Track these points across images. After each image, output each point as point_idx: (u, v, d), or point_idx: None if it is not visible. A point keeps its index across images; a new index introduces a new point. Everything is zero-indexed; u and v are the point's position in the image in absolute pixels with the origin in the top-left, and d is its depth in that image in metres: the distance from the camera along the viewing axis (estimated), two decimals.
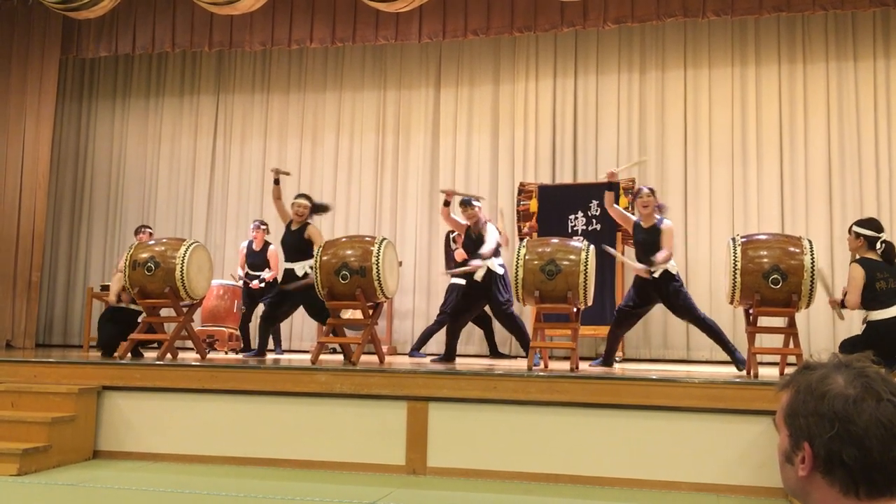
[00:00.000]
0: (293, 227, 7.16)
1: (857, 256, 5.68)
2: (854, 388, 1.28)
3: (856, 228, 5.78)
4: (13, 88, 9.24)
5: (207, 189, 10.10)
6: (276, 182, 7.29)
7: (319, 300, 6.70)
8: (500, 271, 6.85)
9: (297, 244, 7.05)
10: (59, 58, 9.46)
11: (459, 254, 8.08)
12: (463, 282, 8.03)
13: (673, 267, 6.47)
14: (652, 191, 6.66)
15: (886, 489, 1.27)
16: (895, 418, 1.25)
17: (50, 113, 9.34)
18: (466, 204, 7.03)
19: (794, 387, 1.35)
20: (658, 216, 6.56)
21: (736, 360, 6.37)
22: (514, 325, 6.95)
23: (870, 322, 5.56)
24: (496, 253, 6.89)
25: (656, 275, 6.38)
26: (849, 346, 5.61)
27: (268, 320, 7.34)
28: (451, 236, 8.43)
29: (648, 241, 6.48)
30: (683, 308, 6.50)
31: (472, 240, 7.00)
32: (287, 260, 7.14)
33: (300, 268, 6.96)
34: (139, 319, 7.23)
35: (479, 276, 6.78)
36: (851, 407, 1.26)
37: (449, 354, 7.05)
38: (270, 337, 7.62)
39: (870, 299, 5.53)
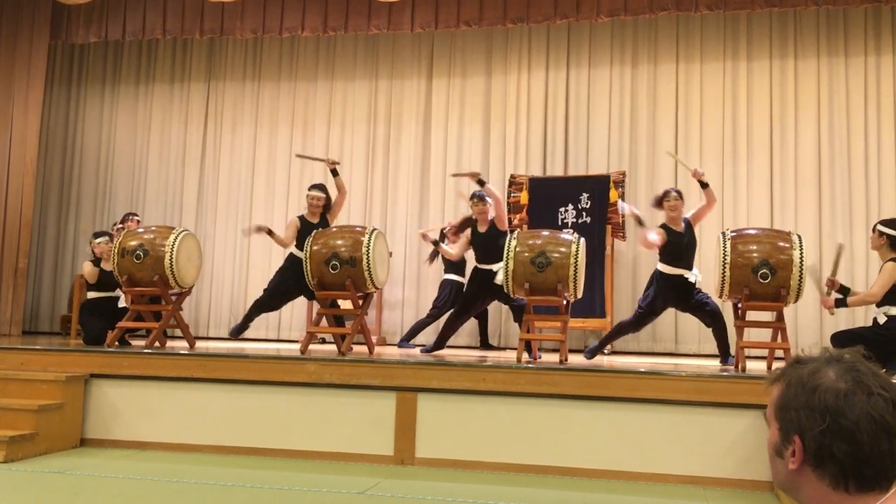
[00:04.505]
0: (313, 221, 7.06)
1: (890, 256, 5.64)
2: (845, 382, 1.29)
3: (880, 227, 5.76)
4: (1, 74, 9.15)
5: (197, 177, 10.05)
6: (270, 234, 7.10)
7: None
8: None
9: None
10: (48, 43, 9.36)
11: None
12: (457, 278, 8.03)
13: (695, 276, 6.43)
14: (680, 193, 6.49)
15: (876, 483, 1.27)
16: (886, 412, 1.26)
17: (38, 99, 9.25)
18: (480, 198, 6.73)
19: (786, 380, 1.36)
20: (685, 219, 6.43)
21: (726, 359, 6.45)
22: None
23: (891, 317, 5.56)
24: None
25: (691, 280, 6.34)
26: (845, 339, 5.58)
27: (262, 307, 7.28)
28: (444, 231, 8.37)
29: (689, 242, 6.38)
30: (702, 305, 6.47)
31: (482, 236, 6.73)
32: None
33: None
34: (119, 305, 7.20)
35: (500, 279, 6.56)
36: (842, 401, 1.27)
37: (438, 345, 7.03)
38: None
39: (891, 296, 5.56)
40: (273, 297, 7.24)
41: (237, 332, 7.33)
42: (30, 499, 4.58)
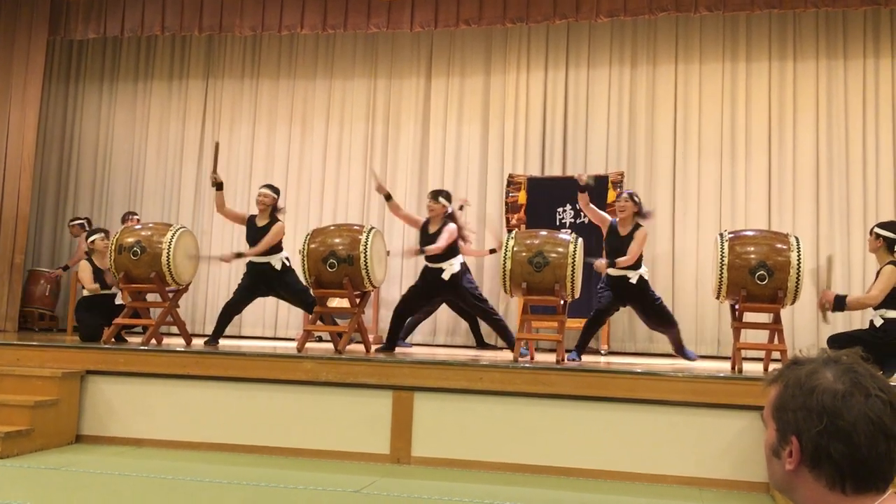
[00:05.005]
0: (259, 223, 6.95)
1: (889, 259, 5.66)
2: (843, 384, 1.28)
3: (877, 230, 5.78)
4: None
5: (195, 174, 10.03)
6: (219, 188, 7.02)
7: (299, 288, 6.69)
8: (457, 269, 6.73)
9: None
10: (47, 39, 9.34)
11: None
12: None
13: (646, 272, 6.54)
14: (631, 195, 6.55)
15: (872, 484, 1.27)
16: (883, 414, 1.26)
17: (36, 95, 9.23)
18: (433, 197, 6.92)
19: (783, 381, 1.36)
20: (635, 222, 6.46)
21: (686, 355, 6.71)
22: (494, 319, 6.97)
23: (888, 319, 5.58)
24: (454, 252, 6.80)
25: (633, 280, 6.41)
26: (842, 341, 5.59)
27: (234, 308, 7.16)
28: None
29: (620, 247, 6.41)
30: (657, 314, 6.58)
31: (430, 235, 6.83)
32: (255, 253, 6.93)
33: (276, 260, 6.88)
34: (115, 302, 7.18)
35: (446, 275, 6.69)
36: (840, 402, 1.27)
37: (390, 345, 7.00)
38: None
39: (888, 299, 5.57)
40: (242, 300, 7.12)
41: (214, 342, 7.02)
42: (25, 495, 4.56)
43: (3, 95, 9.09)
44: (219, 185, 7.04)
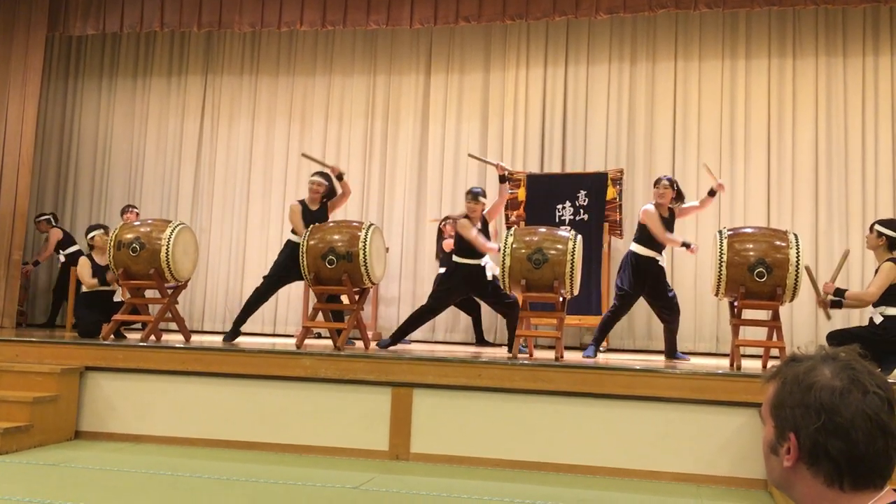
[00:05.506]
0: (313, 207, 7.10)
1: (888, 256, 5.66)
2: (840, 380, 1.29)
3: (878, 227, 5.77)
4: None
5: (194, 170, 10.03)
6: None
7: None
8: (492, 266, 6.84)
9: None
10: (46, 35, 9.32)
11: (447, 244, 8.06)
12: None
13: (663, 259, 6.68)
14: (671, 181, 6.79)
15: (870, 481, 1.28)
16: (881, 411, 1.26)
17: (35, 91, 9.21)
18: (474, 197, 6.76)
19: (781, 378, 1.36)
20: (669, 206, 6.73)
21: (674, 353, 6.73)
22: (515, 314, 6.96)
23: (887, 317, 5.58)
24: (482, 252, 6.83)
25: (662, 263, 6.67)
26: (841, 338, 5.59)
27: (261, 298, 7.19)
28: (441, 226, 8.36)
29: (668, 227, 6.71)
30: (670, 298, 6.64)
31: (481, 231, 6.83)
32: None
33: None
34: (114, 299, 7.18)
35: (489, 272, 6.75)
36: (838, 399, 1.27)
37: (396, 339, 6.99)
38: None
39: (887, 296, 5.58)
40: (272, 285, 7.19)
41: (232, 338, 7.06)
42: (24, 491, 4.57)
43: (2, 91, 9.07)
44: None
